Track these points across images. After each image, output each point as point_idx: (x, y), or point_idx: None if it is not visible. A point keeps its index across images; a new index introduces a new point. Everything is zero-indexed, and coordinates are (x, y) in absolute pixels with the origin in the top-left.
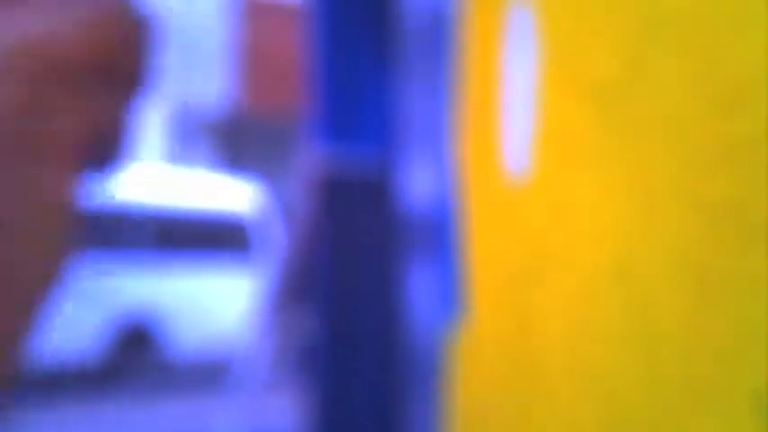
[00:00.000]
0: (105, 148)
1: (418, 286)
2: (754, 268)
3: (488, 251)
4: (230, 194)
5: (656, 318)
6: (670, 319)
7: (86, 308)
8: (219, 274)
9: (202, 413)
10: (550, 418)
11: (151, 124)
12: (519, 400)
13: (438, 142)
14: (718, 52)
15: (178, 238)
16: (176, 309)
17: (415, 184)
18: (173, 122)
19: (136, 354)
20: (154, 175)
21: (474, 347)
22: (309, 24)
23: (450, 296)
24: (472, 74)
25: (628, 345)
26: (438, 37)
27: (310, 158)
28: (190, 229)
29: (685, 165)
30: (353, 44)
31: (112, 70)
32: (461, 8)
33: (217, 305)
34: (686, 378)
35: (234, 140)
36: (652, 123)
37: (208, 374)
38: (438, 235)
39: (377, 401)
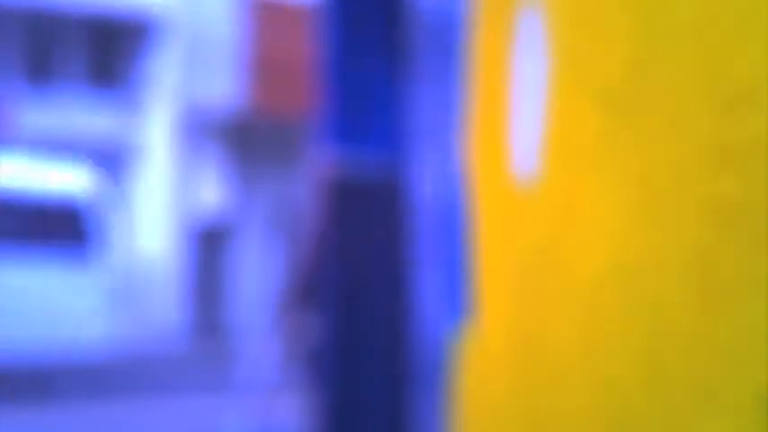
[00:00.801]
0: None
1: (427, 287)
2: (758, 269)
3: (497, 252)
4: (63, 179)
5: (662, 318)
6: (675, 319)
7: None
8: (49, 268)
9: (211, 412)
10: (556, 418)
11: (160, 124)
12: (525, 399)
13: (447, 144)
14: (723, 55)
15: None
16: None
17: (425, 186)
18: (182, 122)
19: None
20: None
21: (481, 348)
22: (320, 26)
23: (459, 297)
24: (482, 77)
25: (633, 344)
26: (448, 40)
27: (320, 160)
28: (14, 216)
29: (691, 166)
30: (364, 46)
31: None
32: (472, 12)
33: (45, 302)
34: (691, 377)
35: (243, 141)
36: (658, 125)
37: (33, 379)
38: (447, 236)
39: (384, 402)
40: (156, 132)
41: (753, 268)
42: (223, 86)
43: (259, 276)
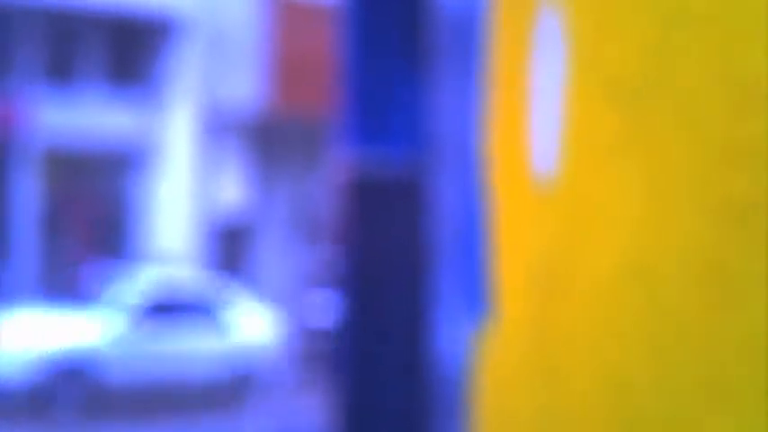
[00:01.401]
0: None
1: (446, 286)
2: None
3: (515, 251)
4: None
5: (675, 316)
6: (689, 318)
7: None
8: None
9: (231, 416)
10: (571, 417)
11: (181, 123)
12: (541, 398)
13: (467, 144)
14: (738, 53)
15: None
16: None
17: (445, 186)
18: (203, 121)
19: None
20: None
21: (499, 347)
22: (341, 25)
23: (478, 296)
24: (501, 75)
25: (647, 343)
26: (468, 39)
27: (340, 160)
28: None
29: (706, 164)
30: (385, 46)
31: None
32: (491, 11)
33: None
34: (704, 376)
35: (264, 140)
36: (674, 123)
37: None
38: (466, 235)
39: (403, 402)
40: (177, 131)
41: (767, 267)
42: (244, 86)
43: (279, 274)
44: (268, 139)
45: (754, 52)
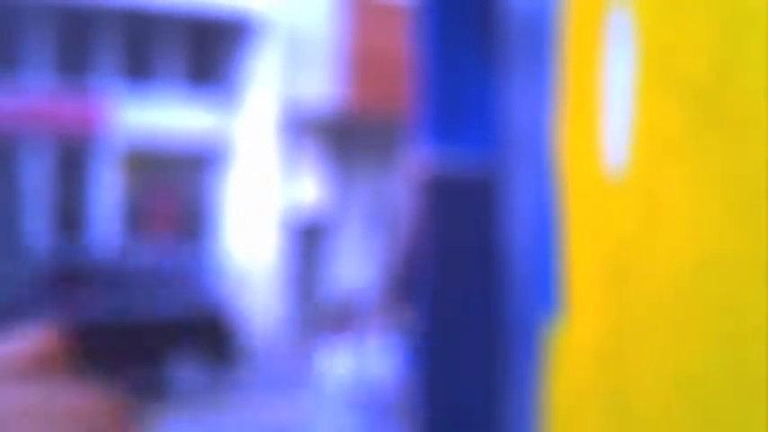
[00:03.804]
0: None
1: (520, 282)
2: None
3: (586, 247)
4: None
5: (748, 314)
6: (758, 317)
7: None
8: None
9: (308, 408)
10: (643, 414)
11: (261, 122)
12: (611, 392)
13: (540, 141)
14: None
15: None
16: None
17: (518, 183)
18: (281, 120)
19: None
20: None
21: (571, 343)
22: (416, 25)
23: (551, 291)
24: (572, 73)
25: (719, 341)
26: (539, 38)
27: (415, 158)
28: None
29: None
30: (459, 46)
31: None
32: (562, 9)
33: None
34: None
35: (341, 139)
36: (744, 122)
37: None
38: (539, 232)
39: (478, 396)
40: (255, 130)
41: None
42: (321, 84)
43: (357, 272)
44: (345, 138)
45: None
